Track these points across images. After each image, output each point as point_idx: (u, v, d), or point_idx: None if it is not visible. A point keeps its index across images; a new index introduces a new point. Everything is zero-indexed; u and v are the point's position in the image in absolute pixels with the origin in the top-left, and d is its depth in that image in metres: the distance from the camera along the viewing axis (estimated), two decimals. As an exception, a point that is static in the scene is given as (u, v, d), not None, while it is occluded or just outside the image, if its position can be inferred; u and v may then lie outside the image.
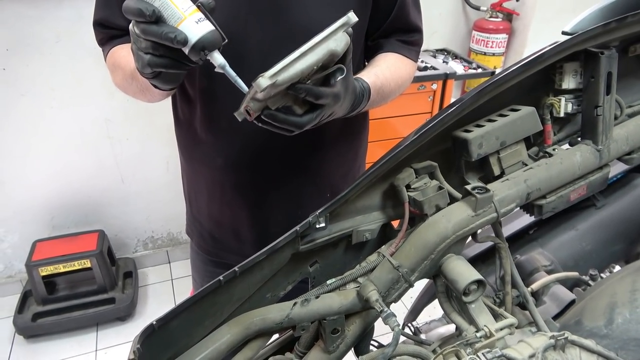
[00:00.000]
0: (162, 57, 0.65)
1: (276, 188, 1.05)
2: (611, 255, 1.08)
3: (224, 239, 1.14)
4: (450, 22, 2.76)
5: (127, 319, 2.38)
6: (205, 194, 1.11)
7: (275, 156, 1.01)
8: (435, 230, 0.72)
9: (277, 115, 0.69)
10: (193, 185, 1.15)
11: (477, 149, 0.75)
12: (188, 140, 1.08)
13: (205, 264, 1.23)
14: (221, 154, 1.01)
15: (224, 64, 0.67)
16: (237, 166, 1.02)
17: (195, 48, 0.64)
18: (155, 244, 2.76)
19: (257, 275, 0.72)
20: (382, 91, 0.95)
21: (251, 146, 0.98)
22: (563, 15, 2.59)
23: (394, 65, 1.00)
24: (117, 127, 2.31)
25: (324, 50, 0.63)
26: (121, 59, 0.91)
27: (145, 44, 0.64)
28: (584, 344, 0.67)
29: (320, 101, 0.70)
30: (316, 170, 1.07)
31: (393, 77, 0.98)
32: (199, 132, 1.02)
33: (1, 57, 1.99)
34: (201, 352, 0.66)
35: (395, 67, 1.00)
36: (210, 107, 0.98)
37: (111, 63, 0.96)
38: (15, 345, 2.25)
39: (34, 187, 2.32)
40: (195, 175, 1.12)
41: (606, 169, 0.85)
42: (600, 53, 0.77)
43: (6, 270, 2.50)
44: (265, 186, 1.05)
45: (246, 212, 1.08)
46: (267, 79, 0.60)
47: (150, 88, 0.84)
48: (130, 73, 0.88)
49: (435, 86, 2.31)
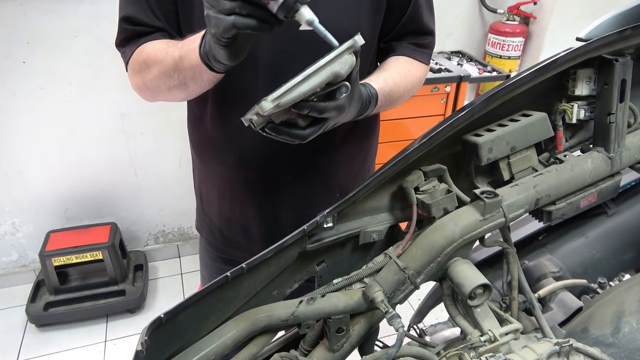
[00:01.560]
0: (248, 17, 0.62)
1: (286, 187, 1.06)
2: (621, 264, 1.07)
3: (233, 236, 1.15)
4: (466, 24, 2.74)
5: (137, 311, 2.41)
6: (216, 190, 1.12)
7: (286, 155, 1.01)
8: (443, 233, 0.72)
9: (280, 129, 0.71)
10: (204, 181, 1.16)
11: (487, 154, 0.75)
12: (200, 137, 1.09)
13: (213, 260, 1.24)
14: (232, 152, 1.02)
15: (312, 19, 0.63)
16: (248, 164, 1.03)
17: (288, 2, 0.60)
18: (166, 238, 2.79)
19: (264, 273, 0.73)
20: (390, 96, 0.96)
21: (262, 145, 0.99)
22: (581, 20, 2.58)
23: (405, 69, 1.01)
24: (132, 122, 2.34)
25: (327, 73, 0.64)
26: (157, 53, 0.87)
27: (230, 5, 0.61)
28: (589, 351, 0.66)
29: (323, 115, 0.71)
30: (326, 170, 1.07)
31: (403, 82, 0.99)
32: (211, 129, 1.03)
33: (22, 50, 2.03)
34: (207, 345, 0.68)
35: (405, 72, 1.01)
36: (222, 104, 0.98)
37: (142, 60, 0.90)
38: (27, 333, 2.29)
39: (49, 179, 2.36)
40: (206, 171, 1.13)
41: (618, 177, 0.84)
42: (614, 60, 0.76)
43: (20, 259, 2.55)
44: (275, 185, 1.06)
45: (255, 210, 1.09)
46: (270, 102, 0.63)
47: (198, 76, 0.81)
48: (172, 65, 0.83)
49: (448, 88, 2.30)
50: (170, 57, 0.83)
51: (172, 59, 0.83)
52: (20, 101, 2.13)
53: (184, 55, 0.80)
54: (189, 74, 0.82)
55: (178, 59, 0.81)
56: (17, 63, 2.05)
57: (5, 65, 2.04)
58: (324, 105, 0.70)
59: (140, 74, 0.92)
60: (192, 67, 0.79)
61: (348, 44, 0.64)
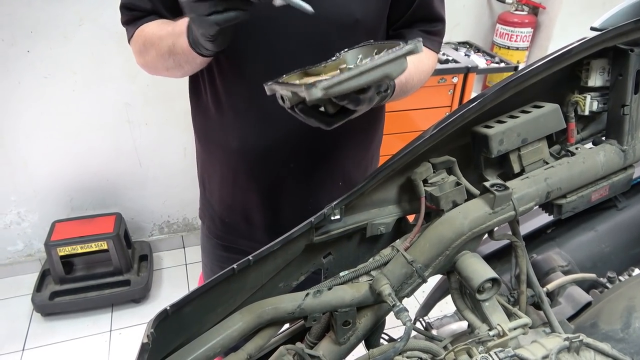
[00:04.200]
0: (226, 12, 0.67)
1: (288, 173, 1.05)
2: (631, 258, 1.06)
3: (234, 223, 1.15)
4: (473, 14, 2.71)
5: (142, 301, 2.42)
6: (218, 177, 1.12)
7: (290, 141, 1.00)
8: (451, 226, 0.71)
9: (310, 112, 0.70)
10: (207, 167, 1.16)
11: (497, 146, 0.74)
12: (203, 122, 1.09)
13: (215, 247, 1.24)
14: (235, 137, 1.02)
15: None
16: (251, 149, 1.02)
17: None
18: (170, 229, 2.79)
19: (270, 265, 0.72)
20: (405, 87, 0.96)
21: (265, 130, 0.99)
22: (591, 10, 2.54)
23: (418, 58, 0.99)
24: (136, 111, 2.33)
25: (380, 74, 0.62)
26: (153, 37, 0.92)
27: (207, 6, 0.66)
28: (599, 347, 0.66)
29: (357, 108, 0.70)
30: (329, 158, 1.06)
31: (417, 72, 0.99)
32: (215, 114, 1.03)
33: (26, 39, 2.02)
34: (213, 338, 0.67)
35: (419, 61, 1.00)
36: (225, 90, 0.98)
37: (141, 42, 0.96)
38: (33, 322, 2.31)
39: (54, 169, 2.36)
40: (209, 157, 1.13)
41: (630, 170, 0.83)
42: (630, 50, 0.75)
43: (26, 249, 2.56)
44: (277, 171, 1.05)
45: (257, 196, 1.08)
46: (320, 90, 0.60)
47: (192, 60, 0.87)
48: (166, 49, 0.89)
49: (456, 80, 2.27)
50: (165, 43, 0.89)
51: (166, 44, 0.89)
52: (24, 91, 2.12)
53: (176, 41, 0.86)
54: (182, 58, 0.88)
55: (172, 45, 0.87)
56: (22, 52, 2.04)
57: (10, 55, 2.03)
58: (361, 98, 0.68)
59: (141, 55, 0.99)
60: (184, 53, 0.85)
61: (408, 48, 0.61)
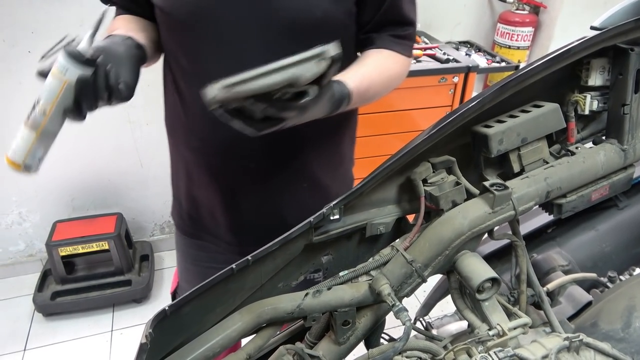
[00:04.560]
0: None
1: (248, 175, 1.04)
2: (631, 258, 1.05)
3: (200, 218, 1.15)
4: (474, 13, 2.70)
5: (143, 301, 2.42)
6: (184, 174, 1.13)
7: (249, 142, 0.94)
8: (451, 226, 0.71)
9: (228, 117, 0.68)
10: (175, 166, 1.17)
11: (497, 145, 0.74)
12: (171, 119, 1.10)
13: (186, 246, 1.24)
14: (196, 136, 1.02)
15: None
16: (210, 149, 1.02)
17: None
18: (171, 229, 2.78)
19: (269, 265, 0.72)
20: (366, 94, 0.93)
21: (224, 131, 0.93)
22: (592, 9, 2.53)
23: (384, 64, 0.98)
24: (137, 112, 2.33)
25: (284, 76, 0.60)
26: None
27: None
28: (599, 347, 0.65)
29: (280, 116, 0.68)
30: (294, 160, 1.05)
31: (381, 78, 0.96)
32: (180, 112, 1.03)
33: (27, 39, 2.02)
34: (212, 338, 0.67)
35: (384, 67, 0.97)
36: (189, 88, 0.99)
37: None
38: (35, 322, 2.31)
39: (55, 169, 2.36)
40: (176, 154, 1.14)
41: (630, 170, 0.83)
42: (630, 49, 0.75)
43: (27, 249, 2.56)
44: (236, 171, 1.04)
45: (219, 195, 1.08)
46: (217, 89, 0.60)
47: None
48: None
49: (456, 79, 2.27)
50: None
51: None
52: (26, 91, 2.13)
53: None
54: None
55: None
56: (23, 52, 2.04)
57: (11, 55, 2.03)
58: (283, 105, 0.67)
59: None
60: None
61: (315, 51, 0.60)
